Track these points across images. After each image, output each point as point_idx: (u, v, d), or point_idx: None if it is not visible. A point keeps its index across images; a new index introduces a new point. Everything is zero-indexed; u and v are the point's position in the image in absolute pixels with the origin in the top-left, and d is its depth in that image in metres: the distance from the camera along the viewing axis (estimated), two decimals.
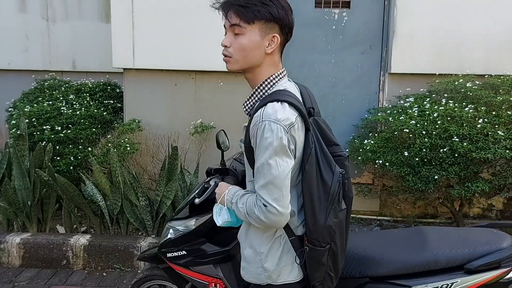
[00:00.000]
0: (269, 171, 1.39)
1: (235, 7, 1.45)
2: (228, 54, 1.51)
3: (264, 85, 1.53)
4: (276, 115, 1.40)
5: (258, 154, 1.41)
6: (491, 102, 3.58)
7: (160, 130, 4.26)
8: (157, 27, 4.20)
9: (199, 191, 2.02)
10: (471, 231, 2.00)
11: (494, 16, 4.11)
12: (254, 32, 1.47)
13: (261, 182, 1.41)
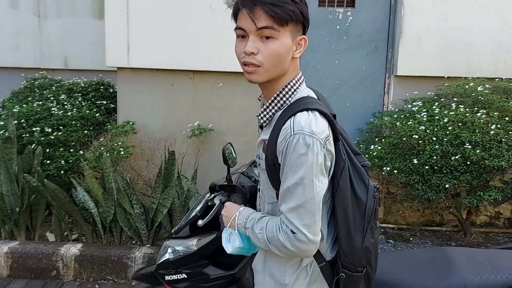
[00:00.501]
0: (303, 192, 1.20)
1: (266, 6, 1.20)
2: (257, 62, 1.24)
3: (285, 92, 1.33)
4: (311, 127, 1.21)
5: (288, 172, 1.22)
6: (504, 107, 3.43)
7: (156, 132, 4.06)
8: (153, 25, 4.00)
9: (200, 208, 1.83)
10: (502, 254, 1.82)
11: (504, 17, 3.96)
12: (286, 35, 1.26)
13: (291, 204, 1.22)
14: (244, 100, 4.16)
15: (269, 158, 1.28)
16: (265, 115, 1.35)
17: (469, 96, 3.62)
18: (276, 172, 1.28)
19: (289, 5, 1.22)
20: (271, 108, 1.34)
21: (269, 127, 1.34)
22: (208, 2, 3.97)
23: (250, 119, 4.19)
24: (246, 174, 1.96)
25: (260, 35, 1.24)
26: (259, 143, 1.38)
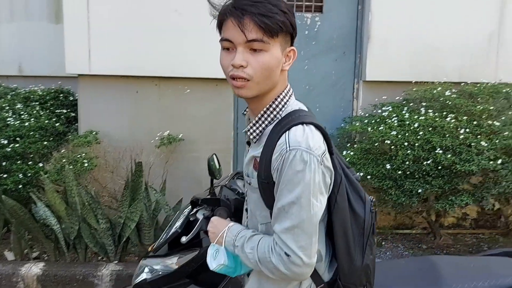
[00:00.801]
0: (299, 212, 1.13)
1: (255, 17, 1.13)
2: (246, 76, 1.17)
3: (275, 105, 1.25)
4: (308, 142, 1.14)
5: (283, 190, 1.14)
6: (471, 112, 3.48)
7: (121, 142, 3.88)
8: (116, 29, 3.82)
9: (181, 224, 1.71)
10: (487, 261, 1.81)
11: (469, 23, 4.05)
12: (276, 47, 1.19)
13: (286, 224, 1.14)
14: (212, 107, 4.05)
15: (262, 176, 1.20)
16: (255, 131, 1.27)
17: (437, 100, 3.67)
18: (270, 191, 1.20)
19: (279, 16, 1.15)
20: (261, 123, 1.26)
21: (259, 143, 1.26)
22: (174, 7, 3.84)
23: (219, 126, 4.09)
24: (229, 187, 1.86)
25: (249, 47, 1.16)
26: (249, 160, 1.29)
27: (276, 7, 1.16)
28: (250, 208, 1.34)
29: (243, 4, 1.14)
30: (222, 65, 1.22)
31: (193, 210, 1.74)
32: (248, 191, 1.33)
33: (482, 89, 3.72)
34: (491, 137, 3.33)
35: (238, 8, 1.15)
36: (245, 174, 1.32)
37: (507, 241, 4.11)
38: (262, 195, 1.24)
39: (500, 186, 3.23)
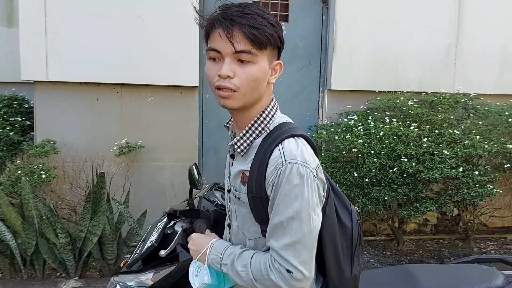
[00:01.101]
0: (300, 227, 1.10)
1: (245, 28, 1.11)
2: (233, 87, 1.14)
3: (263, 118, 1.22)
4: (303, 156, 1.12)
5: (280, 205, 1.11)
6: (433, 121, 3.58)
7: (80, 152, 3.71)
8: (75, 34, 3.66)
9: (157, 238, 1.62)
10: (461, 268, 1.85)
11: (428, 36, 4.19)
12: (264, 59, 1.16)
13: (286, 240, 1.11)
14: (177, 115, 3.96)
15: (254, 190, 1.15)
16: (242, 144, 1.22)
17: (400, 110, 3.75)
18: (262, 205, 1.16)
19: (267, 29, 1.14)
20: (248, 135, 1.22)
21: (247, 156, 1.22)
22: (137, 12, 3.73)
23: (184, 135, 4.00)
24: (207, 198, 1.79)
25: (236, 58, 1.13)
26: (236, 174, 1.25)
27: (265, 19, 1.14)
28: (237, 223, 1.29)
29: (233, 15, 1.12)
30: (208, 75, 1.18)
31: (171, 222, 1.65)
32: (235, 206, 1.28)
33: (442, 99, 3.84)
34: (452, 145, 3.43)
35: (228, 19, 1.12)
36: (231, 188, 1.28)
37: (466, 246, 4.25)
38: (252, 210, 1.19)
39: (462, 193, 3.33)
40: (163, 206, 4.03)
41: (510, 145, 3.45)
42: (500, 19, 4.33)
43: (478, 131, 3.58)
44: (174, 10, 3.76)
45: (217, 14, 1.15)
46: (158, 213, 3.98)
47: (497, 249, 4.26)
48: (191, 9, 3.93)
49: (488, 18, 4.30)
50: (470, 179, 3.29)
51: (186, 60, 3.84)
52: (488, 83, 4.37)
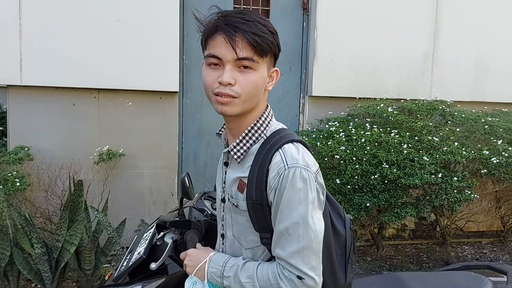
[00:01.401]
0: (306, 232, 1.10)
1: (248, 35, 1.10)
2: (234, 94, 1.14)
3: (259, 124, 1.22)
4: (305, 160, 1.14)
5: (284, 210, 1.10)
6: (412, 127, 3.63)
7: (56, 159, 3.60)
8: (51, 37, 3.56)
9: (145, 249, 1.56)
10: (450, 276, 1.86)
11: (405, 44, 4.26)
12: (263, 67, 1.17)
13: (293, 247, 1.10)
14: (156, 121, 3.89)
15: (254, 196, 1.14)
16: (239, 150, 1.21)
17: (380, 116, 3.79)
18: (263, 212, 1.15)
19: (268, 36, 1.14)
20: (245, 142, 1.21)
21: (243, 163, 1.21)
22: (116, 16, 3.66)
23: (164, 141, 3.94)
24: (197, 208, 1.74)
25: (238, 65, 1.13)
26: (232, 181, 1.23)
27: (266, 27, 1.15)
28: (233, 233, 1.26)
29: (235, 21, 1.11)
30: (206, 81, 1.17)
31: (160, 233, 1.60)
32: (231, 215, 1.25)
33: (420, 106, 3.90)
34: (431, 152, 3.48)
35: (230, 25, 1.11)
36: (227, 197, 1.25)
37: (443, 250, 4.32)
38: (252, 218, 1.18)
39: (441, 199, 3.38)
40: (141, 214, 3.95)
41: (487, 151, 3.52)
42: (474, 29, 4.44)
43: (455, 137, 3.65)
44: (154, 14, 3.71)
45: (218, 20, 1.13)
46: (136, 221, 3.90)
47: (473, 253, 4.34)
48: (171, 13, 3.97)
49: (463, 28, 4.41)
50: (449, 185, 3.34)
51: (166, 65, 3.78)
52: (463, 91, 4.48)
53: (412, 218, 4.50)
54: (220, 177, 1.34)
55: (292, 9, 4.18)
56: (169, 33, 3.76)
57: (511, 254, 4.37)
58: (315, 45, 4.06)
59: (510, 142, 3.78)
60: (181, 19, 3.90)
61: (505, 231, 4.53)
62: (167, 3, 3.73)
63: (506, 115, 4.26)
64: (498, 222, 4.55)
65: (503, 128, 3.76)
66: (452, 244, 4.46)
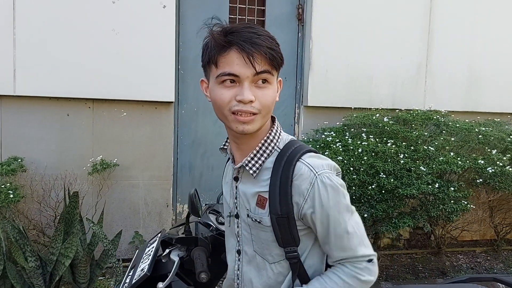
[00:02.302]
0: (357, 224, 1.18)
1: (265, 49, 1.10)
2: (256, 111, 1.13)
3: (271, 137, 1.22)
4: (330, 165, 1.18)
5: (334, 215, 1.14)
6: (408, 137, 3.64)
7: (50, 170, 3.55)
8: (46, 47, 3.52)
9: (150, 266, 1.53)
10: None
11: (399, 54, 4.29)
12: (275, 80, 1.18)
13: (356, 241, 1.16)
14: (151, 131, 3.86)
15: (279, 211, 1.14)
16: (254, 165, 1.20)
17: (376, 126, 3.80)
18: (288, 226, 1.15)
19: (279, 49, 1.16)
20: (259, 156, 1.21)
21: (259, 176, 1.20)
22: (111, 26, 3.63)
23: (159, 152, 3.90)
24: (202, 223, 1.72)
25: (255, 81, 1.11)
26: (250, 197, 1.21)
27: (274, 41, 1.16)
28: (254, 248, 1.25)
29: (250, 36, 1.10)
30: (221, 100, 1.13)
31: (165, 250, 1.57)
32: (250, 231, 1.24)
33: (415, 116, 3.93)
34: (427, 161, 3.50)
35: (247, 41, 1.09)
36: (242, 212, 1.24)
37: (438, 260, 4.33)
38: (276, 233, 1.17)
39: (438, 209, 3.38)
40: (135, 225, 3.90)
41: (482, 161, 3.55)
42: (467, 40, 4.50)
43: (450, 147, 3.68)
44: (149, 24, 3.69)
45: (230, 36, 1.10)
46: (130, 232, 3.86)
47: (467, 262, 4.36)
48: (167, 23, 3.95)
49: (456, 38, 4.46)
50: (446, 195, 3.35)
51: (161, 75, 3.76)
52: (456, 101, 4.52)
53: (407, 228, 4.52)
54: (229, 192, 1.32)
55: (287, 20, 4.20)
56: (164, 43, 3.74)
57: (505, 263, 4.39)
58: (310, 56, 4.07)
59: (504, 151, 3.82)
60: (177, 29, 3.89)
61: (498, 240, 4.56)
62: (162, 13, 3.71)
63: (499, 125, 4.31)
64: (492, 231, 4.58)
65: (497, 138, 3.79)
66: (447, 254, 4.47)
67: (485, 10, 4.54)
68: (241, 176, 1.25)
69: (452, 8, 4.44)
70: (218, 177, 4.15)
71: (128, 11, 3.65)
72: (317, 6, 4.07)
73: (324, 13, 4.09)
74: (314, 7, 4.06)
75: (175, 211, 4.11)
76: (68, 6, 3.54)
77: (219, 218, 1.73)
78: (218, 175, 4.17)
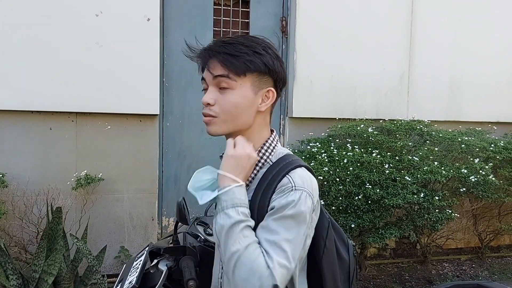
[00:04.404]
0: (295, 251, 1.10)
1: (221, 56, 1.15)
2: (213, 113, 1.18)
3: (264, 150, 1.23)
4: (311, 185, 1.15)
5: (280, 224, 1.09)
6: (393, 147, 3.68)
7: (32, 185, 3.48)
8: (27, 60, 3.47)
9: (137, 278, 1.50)
10: None
11: (383, 65, 4.35)
12: (246, 86, 1.17)
13: (273, 254, 1.07)
14: (136, 144, 3.82)
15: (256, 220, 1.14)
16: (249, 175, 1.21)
17: (361, 137, 3.83)
18: None
19: (248, 56, 1.15)
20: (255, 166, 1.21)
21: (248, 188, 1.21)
22: (95, 39, 3.61)
23: (144, 165, 3.87)
24: (191, 233, 1.70)
25: (217, 85, 1.17)
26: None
27: (249, 48, 1.17)
28: None
29: (213, 46, 1.19)
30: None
31: (153, 261, 1.54)
32: None
33: (398, 126, 3.97)
34: (412, 171, 3.53)
35: (207, 50, 1.19)
36: None
37: (424, 268, 4.36)
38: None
39: (423, 219, 3.41)
40: (120, 240, 3.84)
41: (465, 170, 3.60)
42: (447, 50, 4.59)
43: (434, 156, 3.72)
44: (133, 36, 3.68)
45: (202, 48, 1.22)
46: (115, 247, 3.80)
47: (453, 270, 4.39)
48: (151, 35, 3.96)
49: (437, 49, 4.55)
50: (431, 204, 3.39)
51: (145, 87, 3.74)
52: (438, 110, 4.59)
53: (393, 238, 4.55)
54: None
55: (271, 32, 4.22)
56: (148, 55, 3.73)
57: (489, 270, 4.44)
58: (294, 67, 4.10)
59: (486, 160, 3.88)
60: (161, 42, 3.88)
61: (482, 247, 4.61)
62: (147, 25, 3.71)
63: (480, 134, 4.39)
64: (476, 239, 4.63)
65: (479, 147, 3.86)
66: (433, 262, 4.50)
67: (465, 21, 4.65)
68: None
69: (433, 19, 4.53)
70: None
71: (111, 24, 3.63)
72: (301, 19, 4.11)
73: (308, 25, 4.13)
74: (297, 20, 4.10)
75: (161, 225, 4.06)
76: (50, 19, 3.50)
77: (207, 230, 1.72)
78: None
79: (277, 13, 4.25)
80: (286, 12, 4.23)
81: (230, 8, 4.15)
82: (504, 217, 4.43)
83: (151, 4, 3.72)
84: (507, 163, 4.01)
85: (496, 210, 4.37)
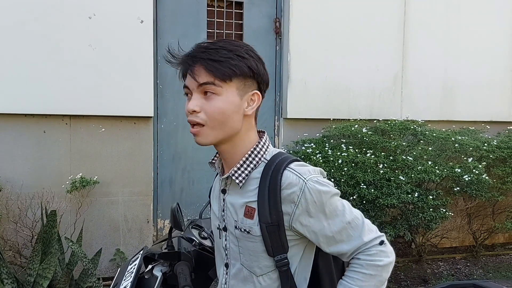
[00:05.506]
0: (356, 213, 1.18)
1: (205, 62, 1.13)
2: (201, 121, 1.16)
3: (259, 149, 1.23)
4: (316, 171, 1.19)
5: (331, 213, 1.15)
6: (387, 147, 3.70)
7: (26, 188, 3.47)
8: (20, 63, 3.46)
9: (132, 284, 1.50)
10: None
11: (376, 65, 4.37)
12: (231, 91, 1.16)
13: (360, 228, 1.16)
14: (130, 147, 3.82)
15: (270, 219, 1.15)
16: (240, 175, 1.21)
17: (355, 137, 3.85)
18: (279, 233, 1.16)
19: (232, 60, 1.14)
20: (246, 166, 1.21)
21: (245, 187, 1.21)
22: (88, 41, 3.60)
23: (138, 167, 3.86)
24: (185, 238, 1.70)
25: (202, 92, 1.15)
26: (238, 208, 1.22)
27: (232, 52, 1.15)
28: (241, 261, 1.24)
29: (196, 52, 1.16)
30: (185, 111, 1.20)
31: (148, 266, 1.54)
32: (238, 243, 1.24)
33: (392, 126, 3.99)
34: (406, 171, 3.55)
35: (189, 56, 1.16)
36: (230, 224, 1.24)
37: (419, 267, 4.37)
38: (266, 242, 1.17)
39: (418, 218, 3.43)
40: (116, 242, 3.83)
41: (458, 169, 3.62)
42: (440, 50, 4.62)
43: (428, 156, 3.74)
44: (127, 39, 3.67)
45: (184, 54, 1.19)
46: (110, 250, 3.79)
47: (448, 269, 4.41)
48: (144, 38, 3.94)
49: (430, 49, 4.58)
50: (425, 204, 3.40)
51: (139, 90, 3.73)
52: (432, 110, 4.62)
53: (388, 237, 4.56)
54: (217, 206, 1.32)
55: (265, 33, 4.24)
56: (142, 57, 3.73)
57: (484, 269, 4.47)
58: (288, 68, 4.11)
59: (479, 159, 3.91)
60: (155, 44, 3.88)
61: (477, 246, 4.64)
62: (140, 28, 3.70)
63: (473, 133, 4.42)
64: (470, 237, 4.66)
65: (472, 146, 3.88)
66: (428, 261, 4.52)
67: (458, 21, 4.68)
68: (228, 188, 1.26)
69: (426, 19, 4.56)
70: (199, 192, 4.14)
71: (105, 26, 3.63)
72: (294, 20, 4.12)
73: (301, 26, 4.15)
74: (291, 21, 4.11)
75: (156, 227, 4.05)
76: (43, 22, 3.49)
77: (202, 233, 1.72)
78: (199, 189, 4.15)
79: (270, 14, 4.26)
80: (279, 13, 4.25)
81: (223, 9, 4.15)
82: (498, 215, 4.46)
83: (145, 6, 3.72)
84: (500, 162, 4.04)
85: (490, 208, 4.40)
